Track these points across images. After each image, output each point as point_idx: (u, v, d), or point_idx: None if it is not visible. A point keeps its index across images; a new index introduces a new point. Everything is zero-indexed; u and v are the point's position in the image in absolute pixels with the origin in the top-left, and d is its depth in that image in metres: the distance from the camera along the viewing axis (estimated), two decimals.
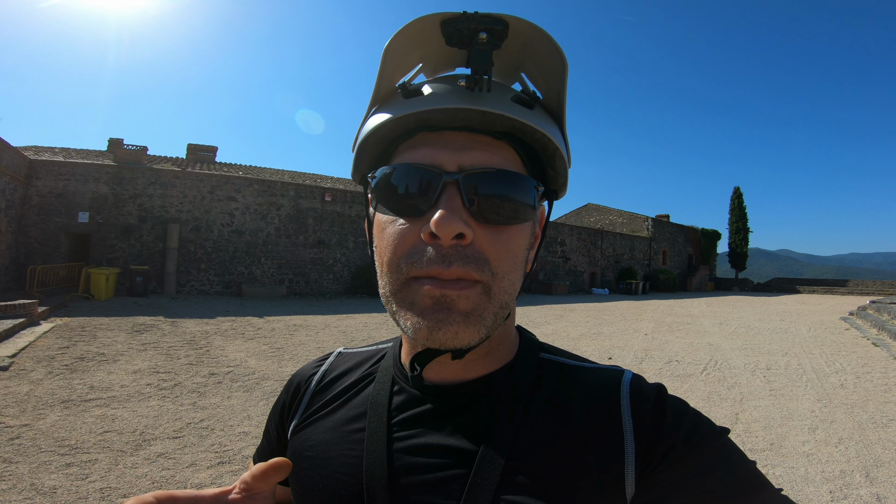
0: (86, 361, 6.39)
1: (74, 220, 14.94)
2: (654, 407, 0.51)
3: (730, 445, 0.49)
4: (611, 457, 0.48)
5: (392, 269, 0.48)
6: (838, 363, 8.24)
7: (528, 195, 0.49)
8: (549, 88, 0.52)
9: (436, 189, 0.46)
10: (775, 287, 41.20)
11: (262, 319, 11.21)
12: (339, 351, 0.71)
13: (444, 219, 0.44)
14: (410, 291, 0.47)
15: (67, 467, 3.39)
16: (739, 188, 45.33)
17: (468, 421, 0.52)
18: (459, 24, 0.47)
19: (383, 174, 0.50)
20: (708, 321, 14.61)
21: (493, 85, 0.49)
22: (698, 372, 7.30)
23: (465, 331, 0.46)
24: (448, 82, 0.50)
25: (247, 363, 6.80)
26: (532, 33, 0.49)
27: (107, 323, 9.43)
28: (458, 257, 0.45)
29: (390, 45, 0.49)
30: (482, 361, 0.55)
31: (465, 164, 0.47)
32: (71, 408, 4.60)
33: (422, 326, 0.46)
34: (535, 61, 0.52)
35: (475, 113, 0.47)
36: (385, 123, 0.49)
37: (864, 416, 5.24)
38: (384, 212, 0.50)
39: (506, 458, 0.48)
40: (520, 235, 0.50)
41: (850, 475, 3.76)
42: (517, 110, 0.48)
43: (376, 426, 0.55)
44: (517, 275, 0.50)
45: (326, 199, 19.34)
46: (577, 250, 29.94)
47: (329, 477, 0.54)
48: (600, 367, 0.58)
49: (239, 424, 4.41)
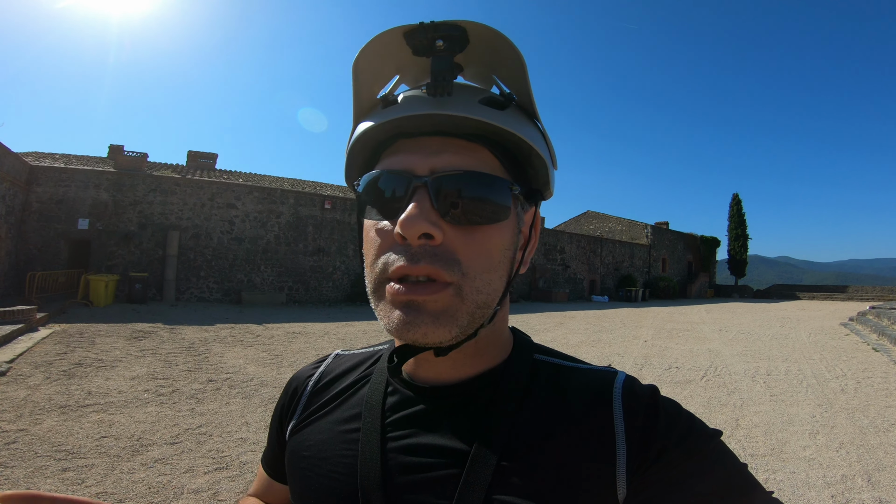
0: (84, 367, 6.36)
1: (74, 227, 14.93)
2: (646, 408, 0.51)
3: (722, 448, 0.49)
4: (603, 458, 0.48)
5: (371, 269, 0.50)
6: (839, 368, 8.21)
7: (501, 195, 0.50)
8: (518, 88, 0.53)
9: (407, 192, 0.48)
10: (775, 293, 41.17)
11: (261, 326, 11.19)
12: (336, 353, 0.71)
13: (409, 219, 0.46)
14: (384, 291, 0.48)
15: (63, 472, 3.37)
16: (738, 195, 45.31)
17: (461, 421, 0.52)
18: (419, 35, 0.49)
19: (365, 180, 0.52)
20: (708, 327, 14.58)
21: (459, 88, 0.51)
22: (698, 378, 7.28)
23: (435, 331, 0.46)
24: (417, 90, 0.52)
25: (245, 370, 6.78)
26: (490, 37, 0.50)
27: (105, 329, 9.40)
28: (426, 255, 0.46)
29: (358, 61, 0.50)
30: (472, 362, 0.55)
31: (436, 167, 0.49)
32: (68, 413, 4.58)
33: (393, 326, 0.47)
34: (502, 63, 0.53)
35: (441, 117, 0.48)
36: (366, 132, 0.52)
37: (866, 421, 5.22)
38: (369, 216, 0.52)
39: (498, 458, 0.49)
40: (495, 236, 0.50)
41: (852, 480, 3.74)
42: (483, 112, 0.49)
43: (370, 426, 0.55)
44: (495, 275, 0.50)
45: (326, 207, 19.37)
46: (576, 258, 29.96)
47: (325, 477, 0.54)
48: (594, 368, 0.58)
49: (237, 430, 4.39)
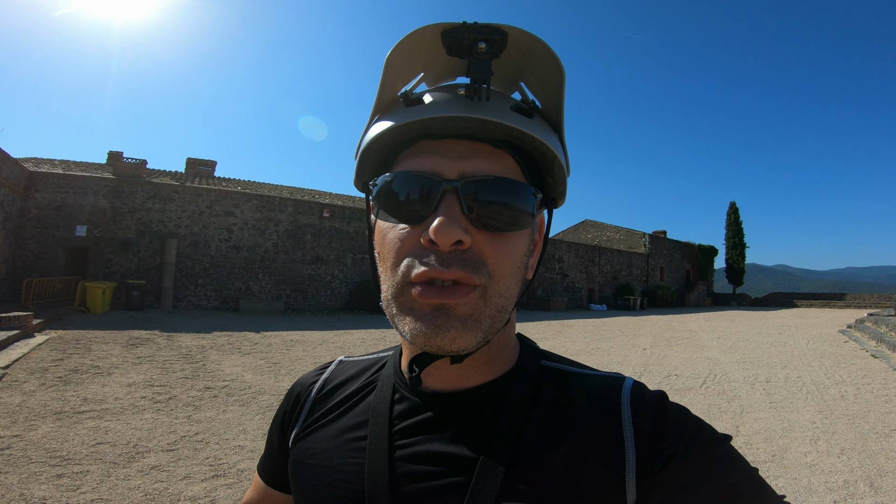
0: (80, 374, 6.32)
1: (72, 234, 14.88)
2: (654, 414, 0.50)
3: (732, 453, 0.49)
4: (612, 464, 0.48)
5: (393, 273, 0.49)
6: (838, 375, 8.20)
7: (527, 203, 0.50)
8: (548, 98, 0.53)
9: (436, 196, 0.47)
10: (773, 301, 41.17)
11: (258, 334, 11.13)
12: (340, 359, 0.70)
13: (444, 226, 0.45)
14: (410, 296, 0.47)
15: (58, 478, 3.33)
16: (735, 203, 45.49)
17: (469, 429, 0.52)
18: (459, 35, 0.48)
19: (384, 181, 0.50)
20: (706, 335, 14.56)
21: (493, 94, 0.50)
22: (698, 385, 7.26)
23: (462, 336, 0.46)
24: (448, 91, 0.51)
25: (243, 378, 6.73)
26: (531, 43, 0.50)
27: (102, 336, 9.34)
28: (456, 260, 0.46)
29: (392, 55, 0.50)
30: (482, 369, 0.54)
31: (465, 171, 0.48)
32: (63, 419, 4.53)
33: (419, 332, 0.46)
34: (534, 71, 0.53)
35: (475, 121, 0.47)
36: (387, 131, 0.50)
37: (866, 427, 5.20)
38: (386, 218, 0.50)
39: (506, 466, 0.48)
40: (519, 242, 0.50)
41: (854, 485, 3.72)
42: (516, 119, 0.48)
43: (378, 434, 0.54)
44: (514, 280, 0.50)
45: (325, 215, 19.34)
46: (574, 267, 29.94)
47: (331, 485, 0.54)
48: (601, 374, 0.57)
49: (234, 438, 4.35)
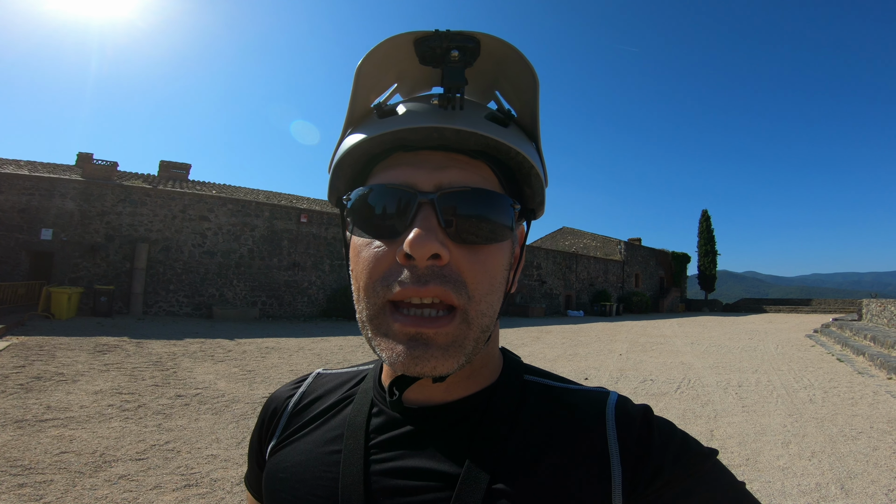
0: (43, 381, 6.05)
1: (37, 237, 14.32)
2: (640, 429, 0.50)
3: (718, 467, 0.49)
4: (597, 479, 0.47)
5: (368, 294, 0.47)
6: (806, 379, 8.46)
7: (506, 214, 0.48)
8: (523, 106, 0.51)
9: (411, 209, 0.45)
10: (743, 307, 42.40)
11: (232, 342, 10.88)
12: (317, 372, 0.68)
13: (419, 238, 0.43)
14: (386, 320, 0.46)
15: (20, 488, 3.18)
16: (707, 211, 46.93)
17: (450, 443, 0.50)
18: (432, 43, 0.47)
19: (358, 195, 0.48)
20: (680, 341, 14.86)
21: (467, 103, 0.49)
22: (672, 391, 7.38)
23: (444, 363, 0.45)
24: (422, 101, 0.49)
25: (216, 385, 6.55)
26: (504, 51, 0.48)
27: (67, 342, 8.99)
28: (434, 277, 0.44)
29: (363, 65, 0.48)
30: (464, 384, 0.53)
31: (441, 183, 0.47)
32: (25, 427, 4.33)
33: (397, 361, 0.45)
34: (509, 79, 0.52)
35: (449, 131, 0.46)
36: (360, 144, 0.48)
37: (835, 430, 5.36)
38: (360, 234, 0.48)
39: (489, 481, 0.47)
40: (498, 255, 0.48)
41: (826, 488, 3.81)
42: (491, 128, 0.47)
43: (353, 448, 0.52)
44: (496, 297, 0.48)
45: (302, 221, 19.10)
46: (552, 273, 30.27)
47: (302, 499, 0.52)
48: (585, 388, 0.56)
49: (207, 447, 4.21)
